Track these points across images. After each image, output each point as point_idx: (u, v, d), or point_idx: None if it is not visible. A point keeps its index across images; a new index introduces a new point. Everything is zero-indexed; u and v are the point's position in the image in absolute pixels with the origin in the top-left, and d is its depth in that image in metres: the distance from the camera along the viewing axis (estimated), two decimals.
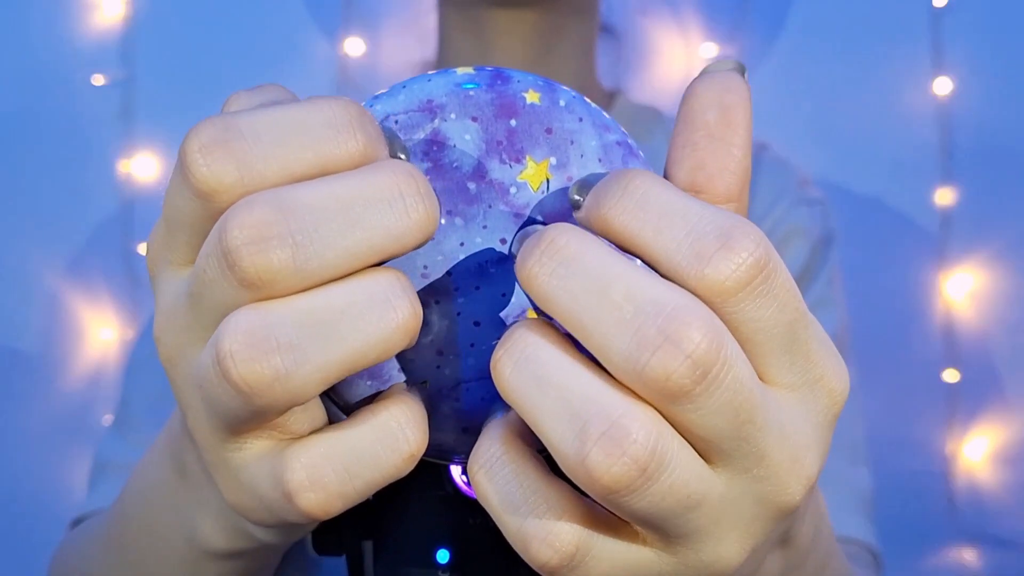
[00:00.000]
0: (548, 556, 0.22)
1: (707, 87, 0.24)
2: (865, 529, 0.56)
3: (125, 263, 0.87)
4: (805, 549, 0.29)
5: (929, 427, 0.84)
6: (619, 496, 0.21)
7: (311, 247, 0.21)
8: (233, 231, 0.21)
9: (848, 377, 0.24)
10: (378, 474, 0.23)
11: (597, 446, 0.20)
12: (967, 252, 0.84)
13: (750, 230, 0.21)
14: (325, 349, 0.21)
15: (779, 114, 0.85)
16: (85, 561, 0.42)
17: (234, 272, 0.21)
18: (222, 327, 0.21)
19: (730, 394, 0.21)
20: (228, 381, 0.21)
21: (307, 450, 0.23)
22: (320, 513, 0.23)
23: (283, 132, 0.22)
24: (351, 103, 0.23)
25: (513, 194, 0.25)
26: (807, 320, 0.23)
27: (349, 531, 0.36)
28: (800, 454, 0.23)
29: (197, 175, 0.22)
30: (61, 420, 0.86)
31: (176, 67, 0.87)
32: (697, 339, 0.20)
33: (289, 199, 0.21)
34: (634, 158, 0.27)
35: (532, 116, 0.26)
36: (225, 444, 0.24)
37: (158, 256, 0.25)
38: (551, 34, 0.62)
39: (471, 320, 0.25)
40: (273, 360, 0.21)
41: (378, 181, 0.22)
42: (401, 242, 0.22)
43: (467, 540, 0.35)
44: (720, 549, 0.23)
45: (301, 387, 0.21)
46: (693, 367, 0.20)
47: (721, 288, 0.21)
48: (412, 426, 0.23)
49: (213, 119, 0.22)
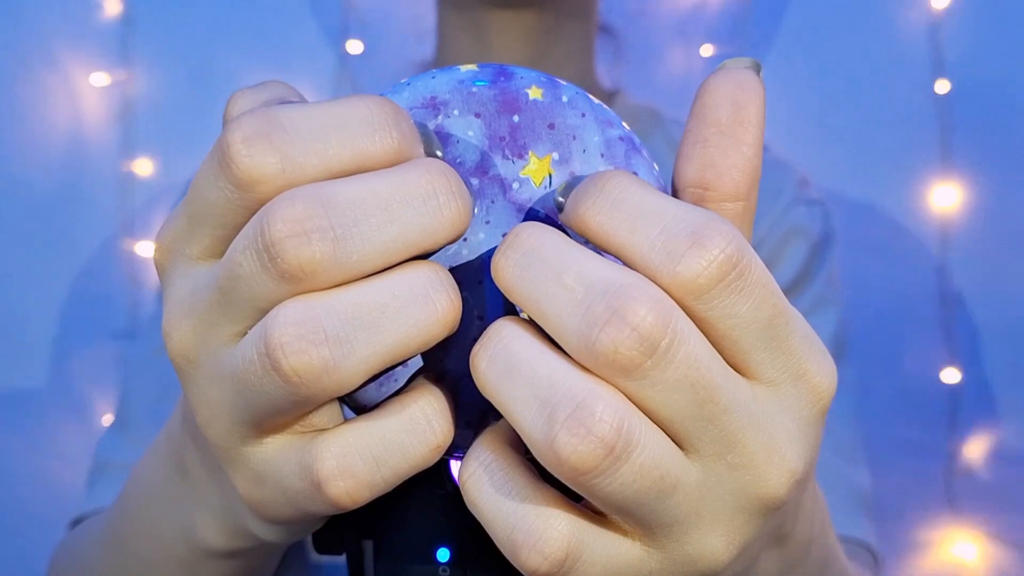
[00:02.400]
0: (538, 562, 0.22)
1: (721, 83, 0.24)
2: (864, 529, 0.56)
3: (125, 263, 0.87)
4: (802, 549, 0.29)
5: (929, 427, 0.84)
6: (589, 478, 0.21)
7: (351, 242, 0.22)
8: (276, 224, 0.21)
9: (835, 373, 0.24)
10: (406, 464, 0.24)
11: (563, 428, 0.21)
12: (967, 252, 0.84)
13: (722, 227, 0.22)
14: (370, 341, 0.22)
15: (779, 114, 0.85)
16: (84, 561, 0.42)
17: (276, 264, 0.21)
18: (270, 319, 0.22)
19: (684, 369, 0.21)
20: (278, 372, 0.21)
21: (337, 439, 0.23)
22: (348, 502, 0.23)
23: (323, 128, 0.23)
24: (387, 101, 0.23)
25: (516, 189, 0.26)
26: (788, 316, 0.23)
27: (349, 530, 0.36)
28: (779, 446, 0.23)
29: (240, 165, 0.22)
30: (61, 420, 0.86)
31: (176, 67, 0.88)
32: (643, 313, 0.21)
33: (329, 194, 0.22)
34: (636, 153, 0.27)
35: (535, 112, 0.26)
36: (247, 439, 0.24)
37: (172, 248, 0.25)
38: (550, 34, 0.62)
39: (474, 314, 0.25)
40: (323, 351, 0.21)
41: (414, 179, 0.22)
42: (434, 238, 0.23)
43: (467, 538, 0.35)
44: (706, 544, 0.23)
45: (347, 378, 0.22)
46: (640, 340, 0.21)
47: (693, 285, 0.21)
48: (439, 417, 0.24)
49: (255, 112, 0.22)
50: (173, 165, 0.88)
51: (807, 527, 0.29)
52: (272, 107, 0.23)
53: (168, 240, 0.25)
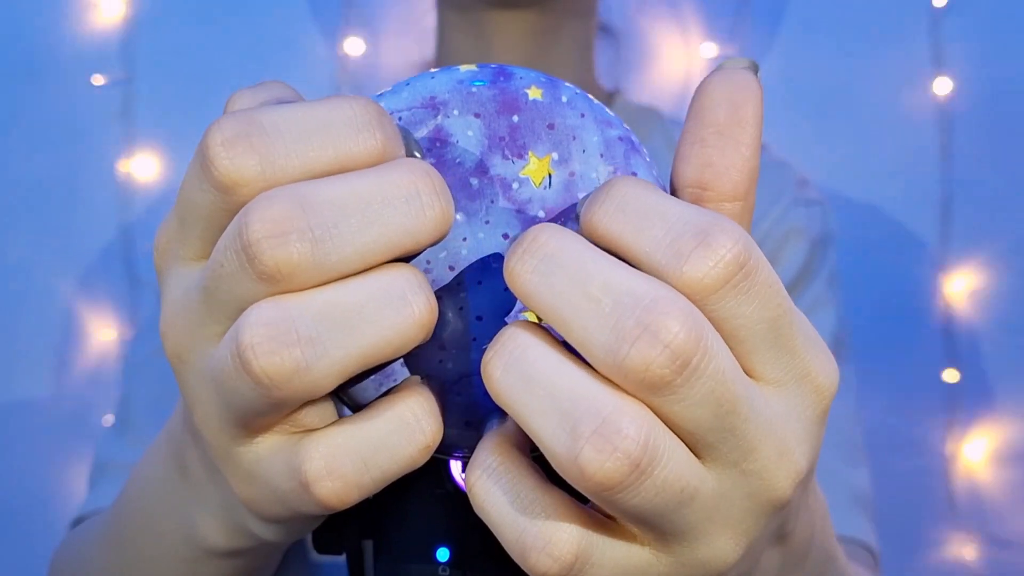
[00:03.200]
0: (548, 566, 0.22)
1: (719, 84, 0.24)
2: (864, 529, 0.56)
3: (125, 263, 0.87)
4: (803, 547, 0.29)
5: (929, 427, 0.84)
6: (613, 493, 0.21)
7: (330, 242, 0.21)
8: (254, 224, 0.21)
9: (837, 372, 0.24)
10: (395, 465, 0.23)
11: (589, 443, 0.20)
12: (967, 252, 0.84)
13: (729, 227, 0.21)
14: (344, 343, 0.22)
15: (779, 114, 0.85)
16: (85, 560, 0.42)
17: (253, 265, 0.21)
18: (242, 319, 0.21)
19: (712, 384, 0.21)
20: (248, 373, 0.21)
21: (325, 440, 0.23)
22: (337, 503, 0.23)
23: (305, 129, 0.22)
24: (370, 102, 0.23)
25: (515, 189, 0.26)
26: (792, 316, 0.23)
27: (349, 529, 0.36)
28: (788, 448, 0.23)
29: (220, 168, 0.22)
30: (61, 420, 0.86)
31: (176, 67, 0.88)
32: (675, 329, 0.20)
33: (309, 194, 0.21)
34: (636, 153, 0.27)
35: (534, 112, 0.26)
36: (237, 439, 0.24)
37: (168, 251, 0.25)
38: (550, 34, 0.62)
39: (474, 315, 0.25)
40: (294, 352, 0.21)
41: (396, 179, 0.22)
42: (417, 239, 0.22)
43: (467, 537, 0.35)
44: (715, 547, 0.23)
45: (320, 380, 0.22)
46: (672, 357, 0.20)
47: (700, 285, 0.21)
48: (428, 417, 0.24)
49: (235, 114, 0.22)
50: (173, 165, 0.88)
51: (808, 526, 0.29)
52: (254, 108, 0.23)
53: (163, 242, 0.25)
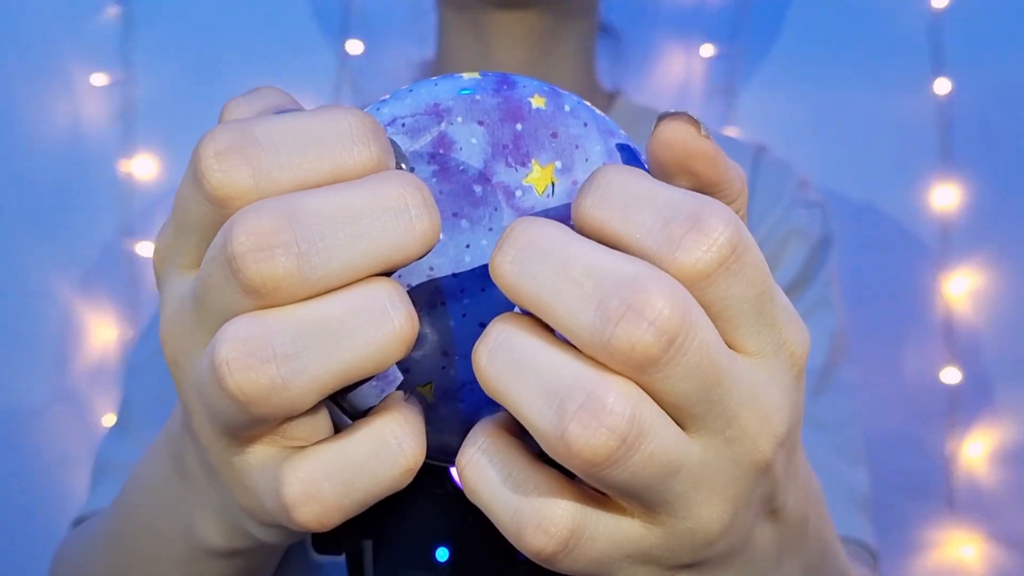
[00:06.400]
0: (544, 542, 0.22)
1: (667, 156, 0.24)
2: (863, 528, 0.56)
3: (125, 263, 0.87)
4: (798, 526, 0.29)
5: (929, 427, 0.84)
6: (600, 469, 0.21)
7: (316, 257, 0.21)
8: (239, 237, 0.21)
9: (809, 338, 0.25)
10: (377, 487, 0.23)
11: (575, 419, 0.21)
12: (967, 252, 0.84)
13: (720, 210, 0.21)
14: (322, 359, 0.21)
15: (778, 115, 0.86)
16: (85, 561, 0.42)
17: (238, 278, 0.21)
18: (219, 334, 0.21)
19: (697, 358, 0.21)
20: (224, 389, 0.21)
21: (304, 464, 0.23)
22: (317, 526, 0.23)
23: (299, 141, 0.22)
24: (365, 115, 0.23)
25: (519, 197, 0.26)
26: (774, 291, 0.23)
27: (349, 531, 0.37)
28: (769, 414, 0.23)
29: (212, 181, 0.22)
30: (61, 420, 0.87)
31: (176, 67, 0.88)
32: (660, 306, 0.20)
33: (297, 207, 0.21)
34: (636, 162, 0.27)
35: (538, 120, 0.26)
36: (229, 448, 0.24)
37: (165, 258, 0.25)
38: (550, 35, 0.62)
39: (476, 321, 0.25)
40: (269, 370, 0.21)
41: (385, 192, 0.22)
42: (404, 253, 0.22)
43: (466, 538, 0.35)
44: (704, 515, 0.23)
45: (298, 397, 0.21)
46: (658, 334, 0.20)
47: (693, 271, 0.21)
48: (409, 439, 0.23)
49: (229, 125, 0.22)
50: (173, 165, 0.88)
51: (801, 503, 0.29)
52: (248, 119, 0.22)
53: (161, 249, 0.25)
